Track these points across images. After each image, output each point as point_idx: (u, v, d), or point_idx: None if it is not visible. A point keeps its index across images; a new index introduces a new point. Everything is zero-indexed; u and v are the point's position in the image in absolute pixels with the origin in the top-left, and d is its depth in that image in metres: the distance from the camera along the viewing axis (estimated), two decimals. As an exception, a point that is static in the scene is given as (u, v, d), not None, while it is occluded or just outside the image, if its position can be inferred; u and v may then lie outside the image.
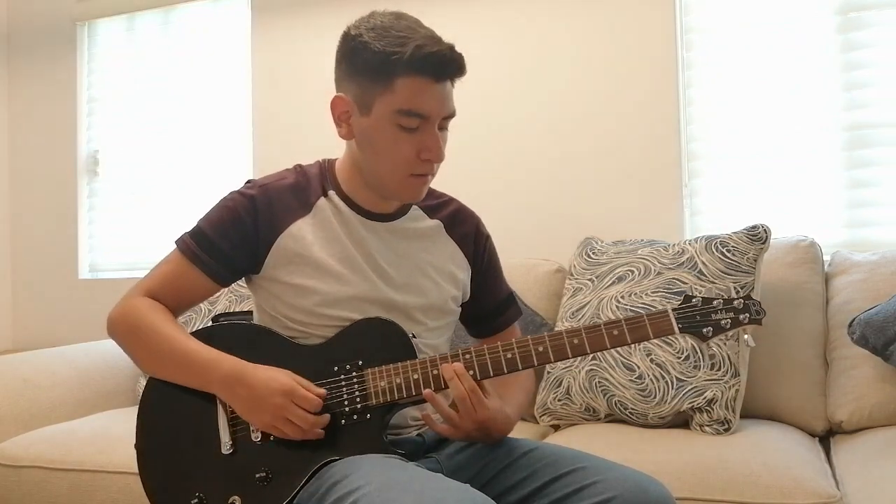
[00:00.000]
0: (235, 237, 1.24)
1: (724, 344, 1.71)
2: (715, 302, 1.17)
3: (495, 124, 2.50)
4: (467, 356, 1.18)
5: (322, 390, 1.17)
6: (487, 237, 1.42)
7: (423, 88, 1.16)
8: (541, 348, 1.17)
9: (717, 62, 2.31)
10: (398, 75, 1.15)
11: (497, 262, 1.44)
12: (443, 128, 1.22)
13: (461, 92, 1.24)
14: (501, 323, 1.43)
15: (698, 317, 1.17)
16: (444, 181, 1.61)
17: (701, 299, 1.18)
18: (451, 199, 1.40)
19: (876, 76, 2.16)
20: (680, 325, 1.16)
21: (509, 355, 1.17)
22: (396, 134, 1.18)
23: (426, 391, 1.16)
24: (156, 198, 2.99)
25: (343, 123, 1.23)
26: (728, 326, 1.17)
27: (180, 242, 1.27)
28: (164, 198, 2.98)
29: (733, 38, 2.29)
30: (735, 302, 1.17)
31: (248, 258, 1.26)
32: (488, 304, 1.42)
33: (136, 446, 1.24)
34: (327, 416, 1.15)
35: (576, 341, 1.17)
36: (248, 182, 1.30)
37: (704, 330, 1.17)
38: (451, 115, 1.22)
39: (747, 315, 1.17)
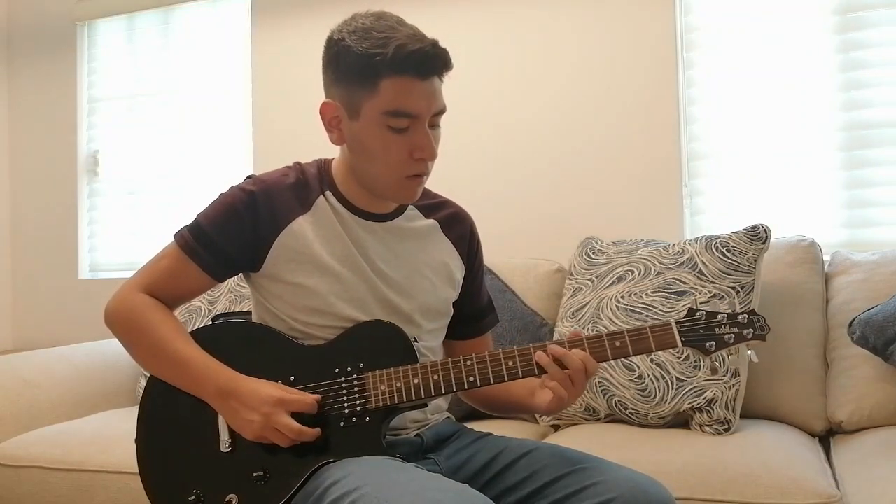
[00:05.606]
0: (232, 232, 1.24)
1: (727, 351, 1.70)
2: (719, 316, 1.15)
3: (495, 124, 2.50)
4: (468, 362, 1.17)
5: (316, 396, 1.16)
6: (479, 240, 1.43)
7: (408, 87, 1.14)
8: None
9: (718, 62, 2.31)
10: (382, 77, 1.13)
11: (483, 267, 1.45)
12: (434, 125, 1.20)
13: (461, 92, 1.24)
14: (484, 326, 1.44)
15: (702, 330, 1.15)
16: (444, 181, 1.61)
17: (705, 313, 1.16)
18: (446, 200, 1.40)
19: (876, 76, 2.16)
20: (683, 339, 1.15)
21: (510, 363, 1.17)
22: (387, 136, 1.16)
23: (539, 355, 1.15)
24: (156, 198, 2.99)
25: (334, 129, 1.23)
26: (732, 342, 1.15)
27: (178, 236, 1.27)
28: (165, 198, 2.98)
29: (734, 38, 2.29)
30: (739, 317, 1.15)
31: (245, 254, 1.25)
32: (474, 307, 1.42)
33: (137, 441, 1.24)
34: (318, 430, 1.15)
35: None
36: (249, 177, 1.29)
37: (707, 344, 1.15)
38: (441, 111, 1.19)
39: (751, 331, 1.15)
